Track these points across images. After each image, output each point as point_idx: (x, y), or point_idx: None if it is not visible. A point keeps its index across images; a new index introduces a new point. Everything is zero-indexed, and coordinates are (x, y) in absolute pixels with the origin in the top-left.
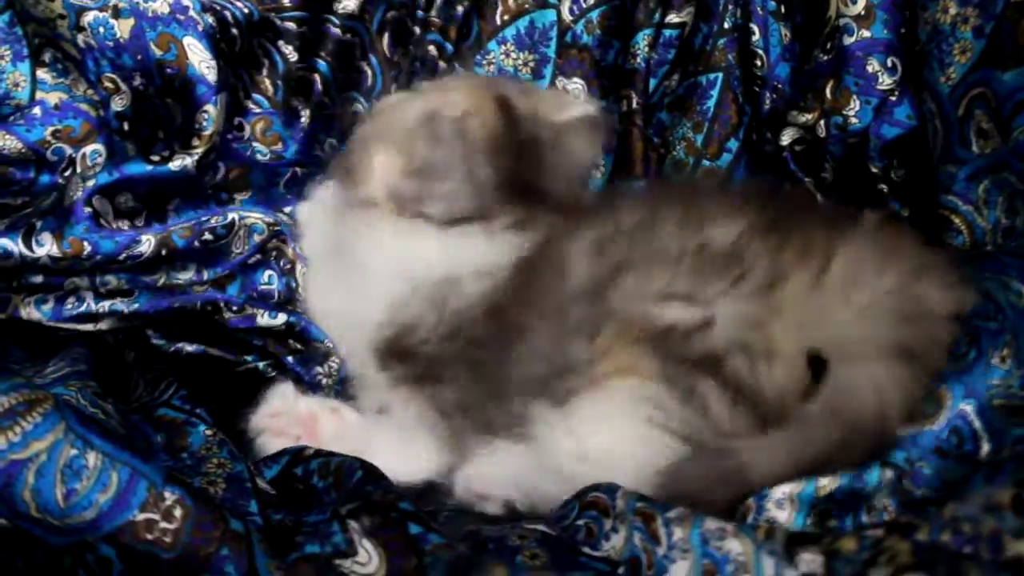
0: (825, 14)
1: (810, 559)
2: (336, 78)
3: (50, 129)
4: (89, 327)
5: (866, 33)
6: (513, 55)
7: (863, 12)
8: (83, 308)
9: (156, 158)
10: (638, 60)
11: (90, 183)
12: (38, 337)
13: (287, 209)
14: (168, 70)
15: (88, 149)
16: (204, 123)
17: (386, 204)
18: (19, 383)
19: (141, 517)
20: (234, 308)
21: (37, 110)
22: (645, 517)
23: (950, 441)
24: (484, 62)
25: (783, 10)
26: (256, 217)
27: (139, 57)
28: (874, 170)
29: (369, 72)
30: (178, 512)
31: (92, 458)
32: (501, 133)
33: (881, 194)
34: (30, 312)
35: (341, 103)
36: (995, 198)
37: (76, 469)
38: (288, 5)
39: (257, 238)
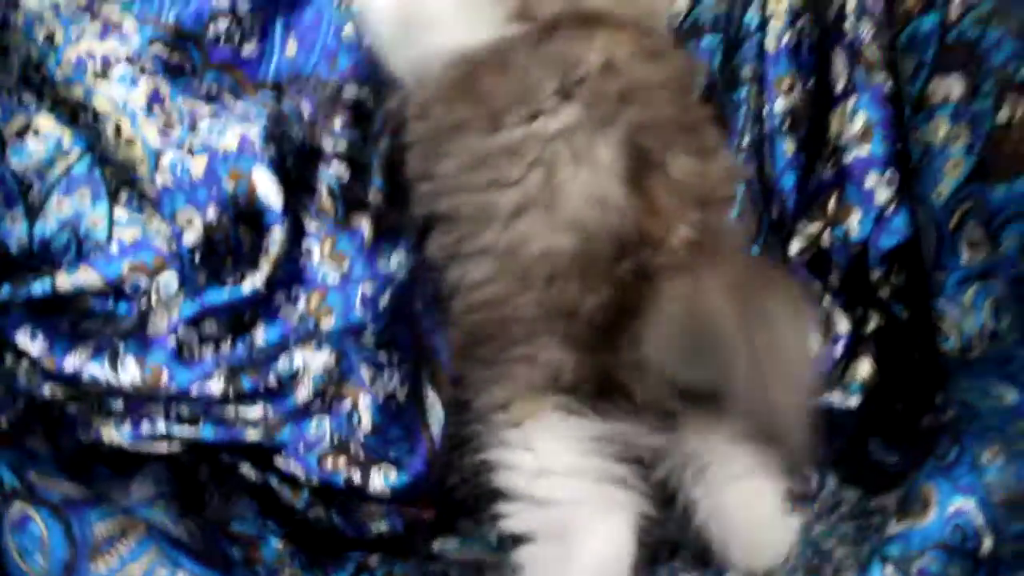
0: (827, 132)
1: None
2: (391, 192)
3: (127, 264)
4: (164, 448)
5: (865, 150)
6: None
7: (863, 130)
8: (156, 431)
9: (229, 281)
10: None
11: (174, 315)
12: (120, 455)
13: (367, 332)
14: (239, 201)
15: (161, 279)
16: (271, 246)
17: None
18: (113, 511)
19: None
20: (282, 456)
21: (115, 247)
22: None
23: (954, 537)
24: None
25: (787, 127)
26: (322, 361)
27: (213, 191)
28: (875, 276)
29: None
30: None
31: None
32: None
33: (882, 299)
34: (110, 434)
35: (401, 217)
36: (981, 303)
37: None
38: (340, 125)
39: (320, 386)
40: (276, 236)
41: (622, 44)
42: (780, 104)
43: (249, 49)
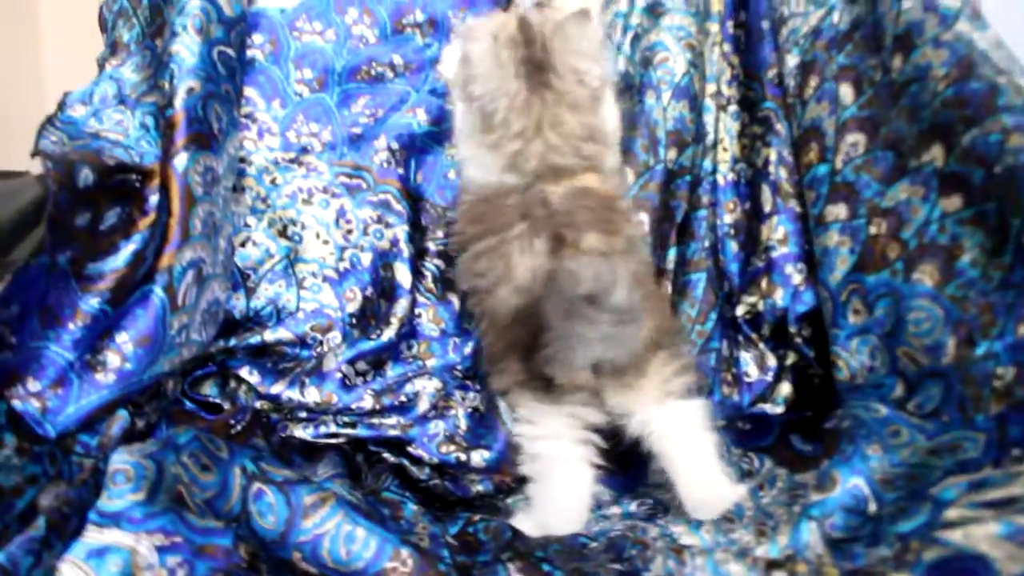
0: (760, 237)
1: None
2: None
3: (309, 325)
4: (334, 441)
5: (784, 249)
6: None
7: (782, 237)
8: (329, 430)
9: (373, 336)
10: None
11: (339, 358)
12: (306, 448)
13: (458, 368)
14: (384, 283)
15: (329, 336)
16: (398, 311)
17: (452, 86)
18: (315, 487)
19: (389, 565)
20: (413, 446)
21: (300, 314)
22: (676, 551)
23: (852, 503)
24: None
25: (733, 232)
26: (433, 386)
27: (371, 277)
28: (792, 330)
29: None
30: (410, 562)
31: (360, 532)
32: (517, 34)
33: (797, 344)
34: (299, 432)
35: None
36: (863, 349)
37: (351, 538)
38: (442, 234)
39: (433, 402)
40: (403, 304)
41: (561, 187)
42: (728, 219)
43: (400, 171)
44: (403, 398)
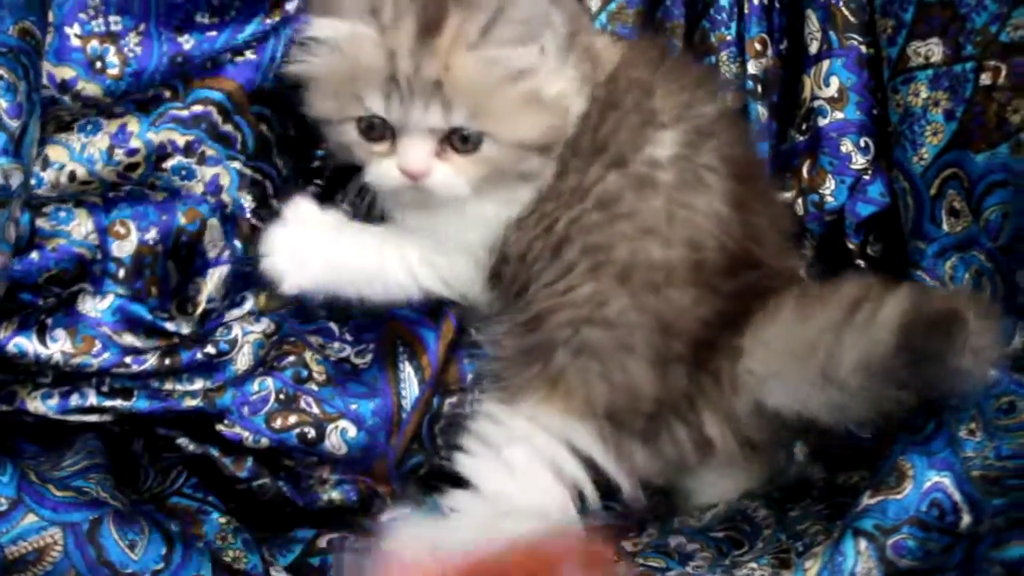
0: (800, 95)
1: None
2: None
3: (43, 275)
4: (95, 418)
5: (839, 115)
6: None
7: (836, 94)
8: (85, 403)
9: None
10: None
11: (102, 303)
12: (49, 429)
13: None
14: (183, 238)
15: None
16: (202, 291)
17: None
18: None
19: None
20: (225, 422)
21: (35, 255)
22: None
23: (931, 514)
24: None
25: (759, 89)
26: (260, 331)
27: (164, 218)
28: (851, 246)
29: None
30: None
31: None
32: None
33: (859, 269)
34: (36, 405)
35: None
36: (961, 274)
37: None
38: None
39: (260, 352)
40: (203, 287)
41: None
42: (751, 67)
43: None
44: (210, 349)
